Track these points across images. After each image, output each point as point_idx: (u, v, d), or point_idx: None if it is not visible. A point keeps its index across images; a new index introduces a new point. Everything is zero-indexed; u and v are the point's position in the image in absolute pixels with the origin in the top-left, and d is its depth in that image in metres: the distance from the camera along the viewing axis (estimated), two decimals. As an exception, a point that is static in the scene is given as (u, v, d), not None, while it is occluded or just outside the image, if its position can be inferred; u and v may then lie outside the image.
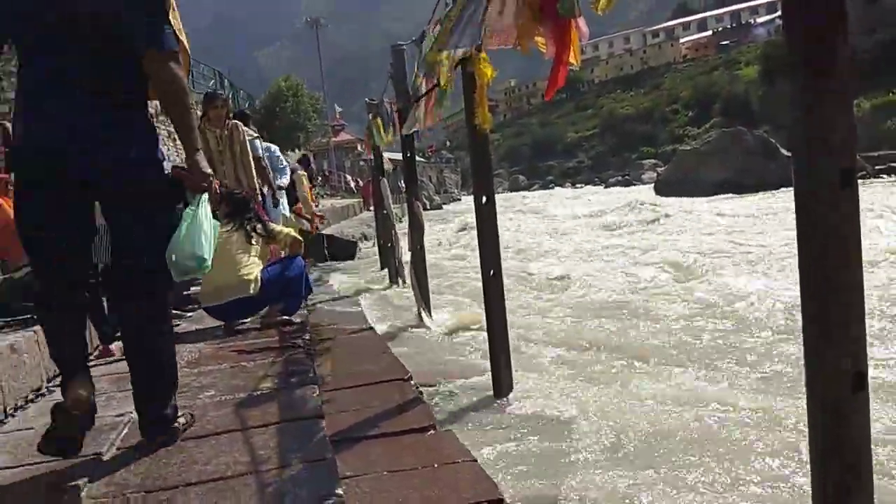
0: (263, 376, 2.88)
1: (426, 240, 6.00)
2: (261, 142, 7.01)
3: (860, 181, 1.36)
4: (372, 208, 22.13)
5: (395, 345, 4.64)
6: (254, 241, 4.15)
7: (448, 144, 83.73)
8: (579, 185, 62.97)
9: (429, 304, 5.63)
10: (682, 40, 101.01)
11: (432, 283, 6.07)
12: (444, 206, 39.17)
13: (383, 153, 8.40)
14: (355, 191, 33.79)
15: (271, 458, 1.91)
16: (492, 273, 3.64)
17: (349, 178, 38.86)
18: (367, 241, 15.47)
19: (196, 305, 5.03)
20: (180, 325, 4.52)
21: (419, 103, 4.87)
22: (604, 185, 53.75)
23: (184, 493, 1.72)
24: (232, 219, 4.25)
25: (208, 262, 2.17)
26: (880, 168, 22.93)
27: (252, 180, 5.59)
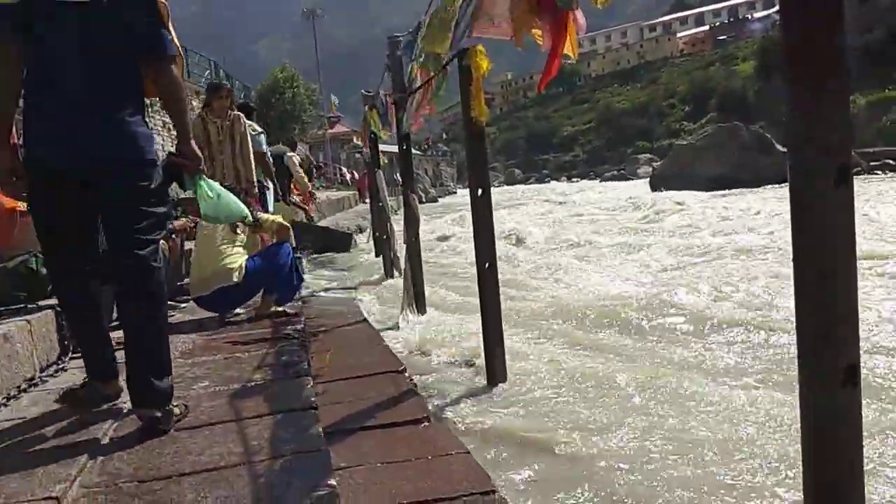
0: (257, 367, 2.88)
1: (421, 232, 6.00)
2: (264, 137, 7.00)
3: (855, 177, 1.36)
4: (367, 201, 22.16)
5: (390, 337, 4.65)
6: (239, 231, 4.13)
7: (444, 137, 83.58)
8: (575, 179, 62.98)
9: (423, 298, 5.64)
10: (679, 35, 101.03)
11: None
12: (440, 199, 39.18)
13: (379, 146, 8.38)
14: (350, 183, 33.70)
15: (265, 448, 1.91)
16: (487, 265, 3.64)
17: (344, 170, 38.73)
18: (363, 234, 15.46)
19: (189, 297, 5.03)
20: (174, 315, 4.51)
21: (414, 96, 4.85)
22: (599, 179, 53.77)
23: (177, 483, 1.72)
24: None
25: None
26: (875, 164, 23.00)
27: (251, 172, 5.55)
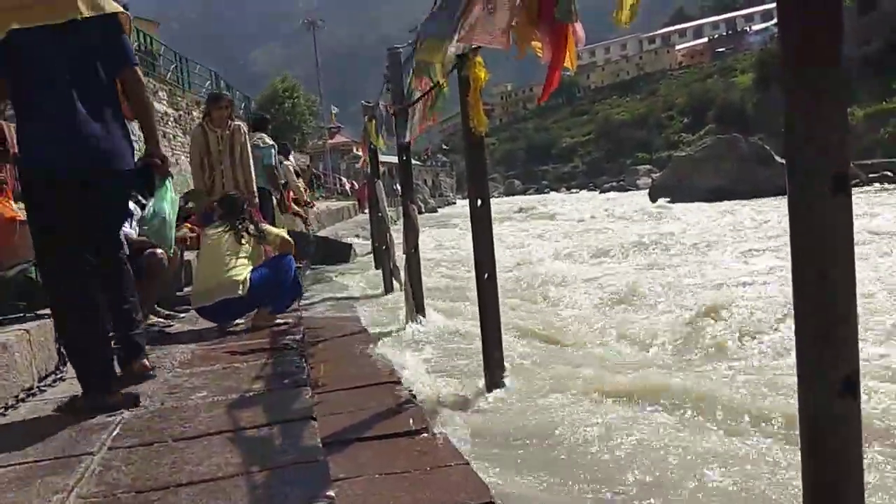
0: (255, 377, 2.87)
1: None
2: (275, 150, 7.03)
3: (853, 189, 1.36)
4: (367, 211, 22.17)
5: (389, 346, 4.64)
6: (244, 242, 4.14)
7: (444, 147, 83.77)
8: (574, 190, 63.08)
9: (422, 306, 5.63)
10: (677, 47, 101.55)
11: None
12: (440, 210, 39.21)
13: (379, 157, 8.39)
14: (350, 193, 33.73)
15: (263, 459, 1.90)
16: (486, 276, 3.64)
17: (344, 180, 38.78)
18: (362, 243, 15.44)
19: (189, 306, 5.02)
20: (173, 325, 4.50)
21: (415, 108, 4.87)
22: (598, 190, 53.85)
23: (175, 494, 1.71)
24: (225, 220, 4.25)
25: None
26: (873, 176, 23.05)
27: (251, 182, 5.55)
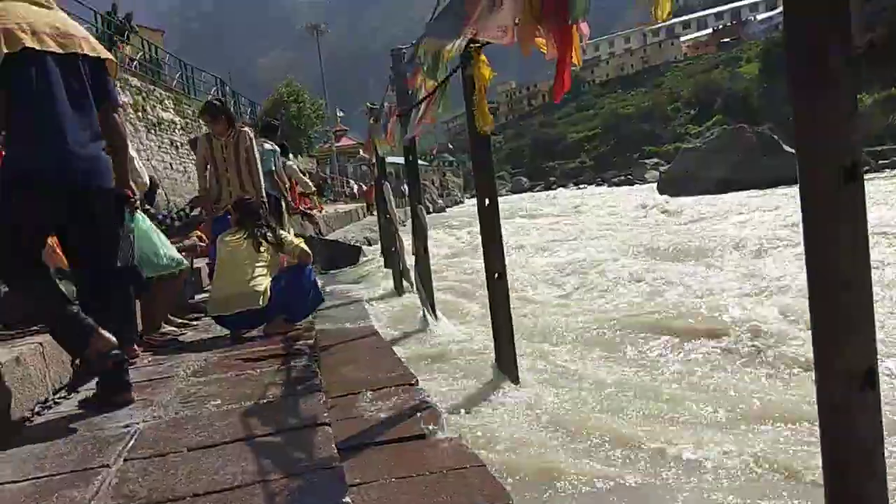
0: (269, 384, 2.87)
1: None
2: (276, 155, 6.99)
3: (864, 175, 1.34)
4: (375, 213, 22.16)
5: (401, 348, 4.64)
6: (262, 250, 4.14)
7: (450, 147, 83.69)
8: (582, 185, 62.86)
9: (434, 307, 5.63)
10: (682, 39, 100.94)
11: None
12: (448, 209, 39.13)
13: (386, 158, 8.39)
14: (358, 196, 33.78)
15: (278, 467, 1.90)
16: (496, 276, 3.63)
17: (352, 182, 38.81)
18: (371, 246, 15.44)
19: (202, 314, 5.04)
20: (187, 333, 4.51)
21: (418, 107, 4.86)
22: (606, 184, 53.66)
23: (191, 504, 1.72)
24: (242, 226, 4.25)
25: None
26: (883, 163, 22.86)
27: (259, 187, 5.52)
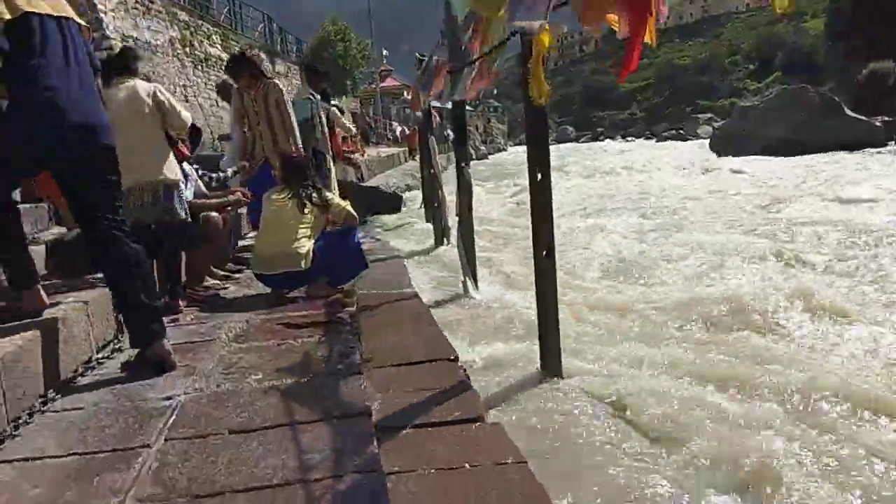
0: (310, 359, 2.83)
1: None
2: (312, 103, 6.79)
3: None
4: (417, 157, 22.00)
5: (441, 316, 4.58)
6: (307, 211, 4.07)
7: (495, 92, 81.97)
8: (630, 138, 61.29)
9: (475, 272, 5.54)
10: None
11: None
12: (490, 156, 38.63)
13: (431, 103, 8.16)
14: (400, 139, 33.46)
15: (320, 464, 1.85)
16: (545, 253, 3.50)
17: (395, 125, 38.42)
18: (412, 191, 15.31)
19: (244, 267, 5.04)
20: (229, 288, 4.52)
21: (471, 67, 4.65)
22: (655, 139, 52.22)
23: (231, 501, 1.69)
24: (287, 184, 4.17)
25: None
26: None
27: (294, 139, 5.31)
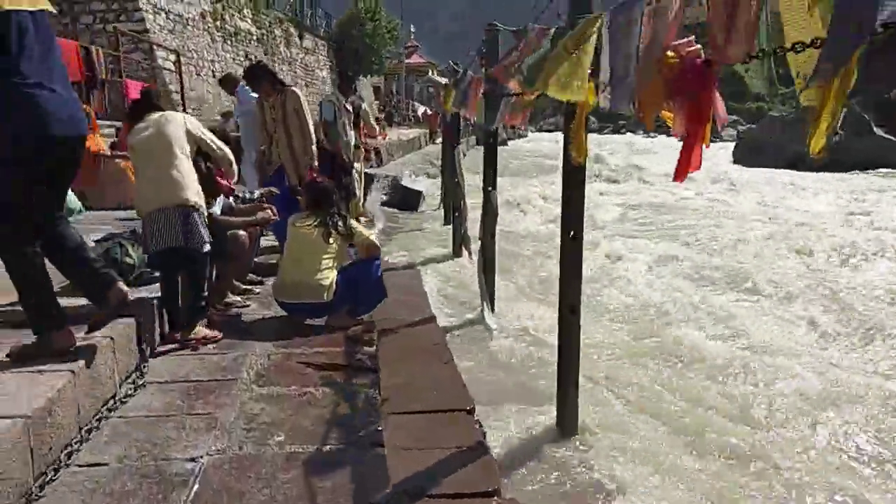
0: (332, 419, 2.83)
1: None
2: (335, 103, 6.80)
3: None
4: (438, 141, 21.84)
5: (457, 346, 4.58)
6: (332, 240, 4.06)
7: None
8: (653, 134, 60.46)
9: (493, 300, 5.52)
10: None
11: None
12: (510, 142, 38.21)
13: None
14: (422, 119, 33.24)
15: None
16: (570, 310, 3.47)
17: (417, 105, 38.12)
18: (430, 179, 15.18)
19: (263, 280, 5.05)
20: (249, 305, 4.52)
21: (508, 99, 4.59)
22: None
23: None
24: (313, 211, 4.16)
25: None
26: None
27: (308, 148, 5.42)
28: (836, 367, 4.33)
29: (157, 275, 3.94)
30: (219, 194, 3.90)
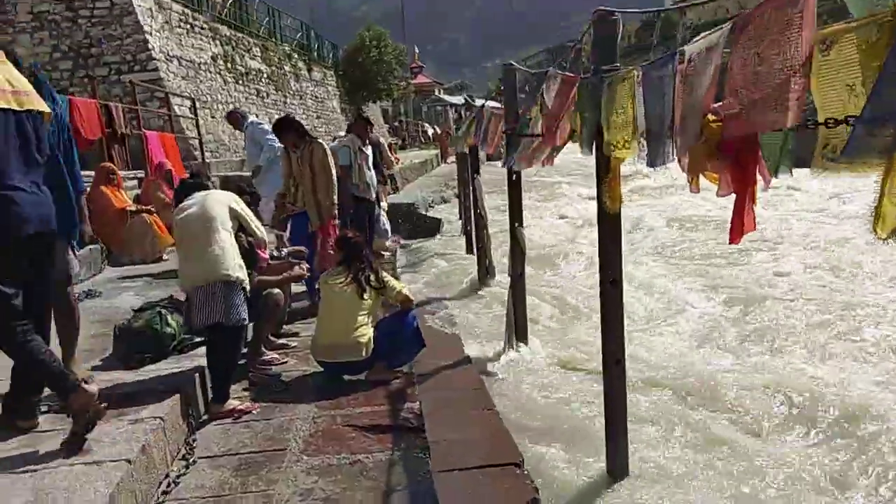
0: (387, 489, 2.82)
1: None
2: (350, 147, 6.97)
3: None
4: (450, 161, 21.89)
5: (493, 385, 4.55)
6: (366, 296, 4.08)
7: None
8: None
9: (525, 333, 5.50)
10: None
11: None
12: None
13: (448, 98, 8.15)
14: (432, 139, 33.42)
15: None
16: (616, 362, 3.44)
17: (427, 126, 38.37)
18: (447, 203, 15.21)
19: (298, 332, 5.07)
20: (287, 362, 4.52)
21: (531, 141, 4.58)
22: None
23: None
24: (347, 266, 4.18)
25: None
26: None
27: (330, 199, 5.58)
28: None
29: (197, 340, 3.97)
30: (257, 266, 3.97)
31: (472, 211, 8.33)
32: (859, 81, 1.59)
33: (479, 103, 7.16)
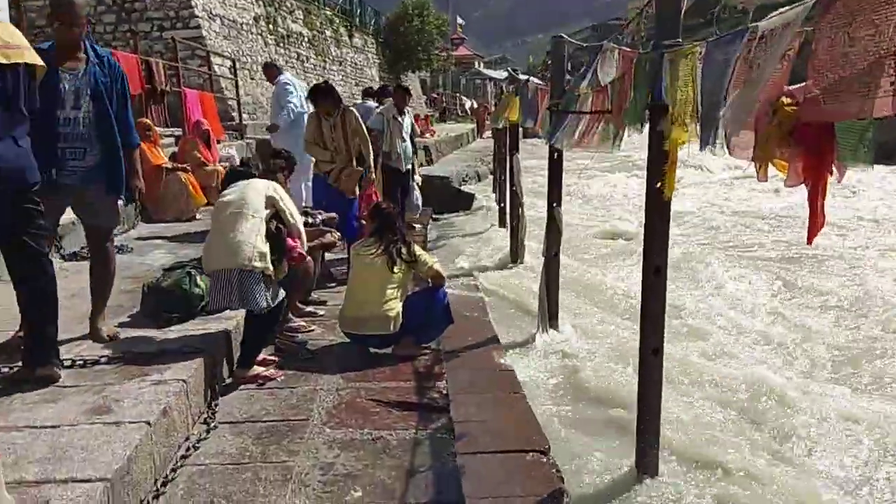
0: (411, 468, 2.74)
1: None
2: (384, 115, 6.91)
3: None
4: (486, 135, 21.60)
5: (522, 369, 4.44)
6: (396, 269, 3.97)
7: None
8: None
9: (556, 316, 5.37)
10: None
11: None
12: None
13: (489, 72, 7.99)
14: (469, 113, 33.04)
15: None
16: (653, 352, 3.29)
17: (464, 99, 37.93)
18: (482, 181, 15.03)
19: (326, 300, 5.00)
20: (314, 330, 4.45)
21: (579, 119, 4.39)
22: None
23: None
24: (378, 237, 4.07)
25: None
26: None
27: (367, 159, 5.67)
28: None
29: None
30: (284, 254, 3.82)
31: (508, 188, 8.17)
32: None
33: (522, 78, 6.92)
